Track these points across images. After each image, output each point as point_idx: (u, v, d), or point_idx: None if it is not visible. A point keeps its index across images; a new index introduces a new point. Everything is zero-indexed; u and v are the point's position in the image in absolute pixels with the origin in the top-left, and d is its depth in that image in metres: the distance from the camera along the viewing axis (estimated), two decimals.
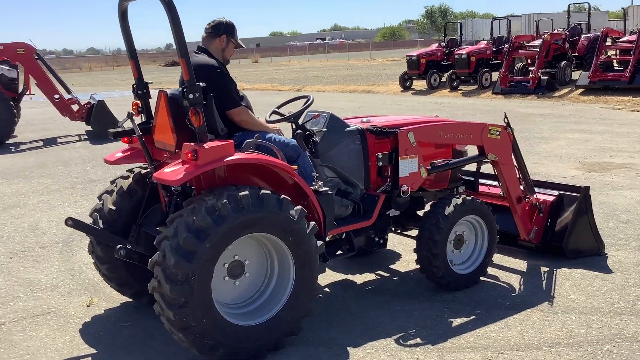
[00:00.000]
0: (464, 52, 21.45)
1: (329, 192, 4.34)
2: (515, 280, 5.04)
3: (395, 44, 73.96)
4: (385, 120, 5.06)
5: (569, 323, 4.23)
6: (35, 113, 19.32)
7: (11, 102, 13.06)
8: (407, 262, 5.50)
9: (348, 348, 4.03)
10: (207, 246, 3.60)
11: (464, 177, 5.51)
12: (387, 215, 4.89)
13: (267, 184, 4.15)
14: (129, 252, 4.13)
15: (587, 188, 5.39)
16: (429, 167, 4.91)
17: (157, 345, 4.14)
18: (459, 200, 4.77)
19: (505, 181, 5.29)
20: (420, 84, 23.31)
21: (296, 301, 3.99)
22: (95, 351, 4.16)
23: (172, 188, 4.08)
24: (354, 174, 4.75)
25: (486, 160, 5.20)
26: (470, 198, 4.84)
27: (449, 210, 4.72)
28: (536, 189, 5.65)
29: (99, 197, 4.69)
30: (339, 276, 5.31)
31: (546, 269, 5.24)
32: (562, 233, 5.38)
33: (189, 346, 3.71)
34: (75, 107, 14.16)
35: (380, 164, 4.74)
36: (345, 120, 4.96)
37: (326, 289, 5.07)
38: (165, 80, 35.56)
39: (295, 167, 4.38)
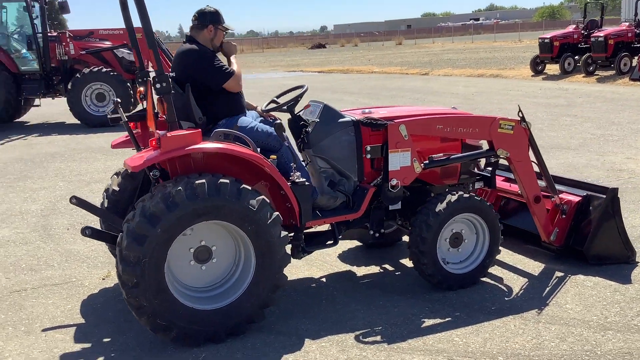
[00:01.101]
0: (601, 34, 19.99)
1: (306, 183, 4.35)
2: (518, 284, 4.78)
3: (553, 24, 70.00)
4: (387, 111, 4.96)
5: (544, 334, 3.97)
6: None
7: (128, 84, 14.00)
8: None
9: (306, 339, 4.05)
10: (158, 231, 3.77)
11: (481, 173, 5.27)
12: (384, 208, 4.81)
13: (245, 173, 4.24)
14: (95, 233, 4.38)
15: (615, 190, 4.97)
16: (427, 161, 4.75)
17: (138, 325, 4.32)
18: (454, 197, 4.60)
19: (520, 179, 5.01)
20: (553, 68, 22.11)
21: (256, 289, 4.06)
22: (83, 321, 4.49)
23: (151, 173, 4.28)
24: (347, 166, 4.71)
25: (496, 156, 4.94)
26: (467, 195, 4.64)
27: (440, 207, 4.56)
28: (564, 188, 5.30)
29: (111, 178, 5.02)
30: (343, 267, 5.31)
31: (560, 274, 4.91)
32: (586, 237, 5.00)
33: (144, 324, 3.91)
34: None
35: (369, 156, 4.65)
36: (346, 111, 4.93)
37: (322, 279, 5.09)
38: (292, 63, 36.45)
39: (273, 156, 4.45)
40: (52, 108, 16.91)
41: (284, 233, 4.10)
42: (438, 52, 42.24)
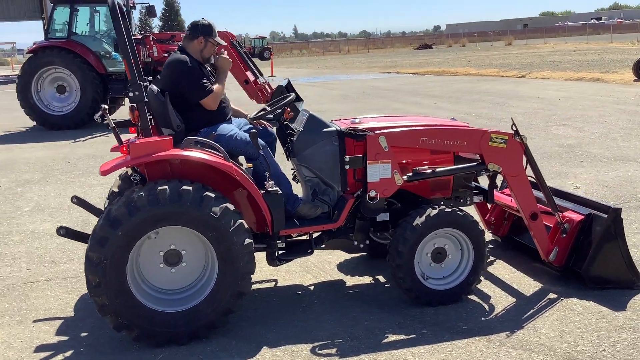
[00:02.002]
0: None
1: (278, 192, 4.40)
2: (503, 304, 4.60)
3: None
4: (377, 121, 4.91)
5: (502, 359, 3.81)
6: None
7: None
8: None
9: (264, 347, 4.10)
10: (119, 234, 3.94)
11: (480, 187, 5.12)
12: (369, 219, 4.77)
13: (225, 181, 4.33)
14: (70, 232, 4.60)
15: (617, 210, 4.67)
16: (410, 173, 4.66)
17: None
18: (433, 212, 4.49)
19: (515, 195, 4.82)
20: None
21: (218, 295, 4.15)
22: (72, 315, 4.75)
23: (131, 177, 4.47)
24: (329, 176, 4.71)
25: (487, 170, 4.78)
26: (449, 210, 4.52)
27: (418, 221, 4.47)
28: (570, 206, 5.05)
29: (115, 180, 5.27)
30: (337, 276, 5.30)
31: (554, 296, 4.68)
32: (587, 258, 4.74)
33: (108, 322, 4.10)
34: (262, 92, 15.24)
35: (348, 167, 4.63)
36: (336, 121, 4.92)
37: (310, 287, 5.11)
38: (391, 64, 36.26)
39: (249, 165, 4.53)
40: None
41: (248, 241, 4.15)
42: (545, 53, 40.69)
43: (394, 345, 4.04)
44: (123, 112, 16.97)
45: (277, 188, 4.42)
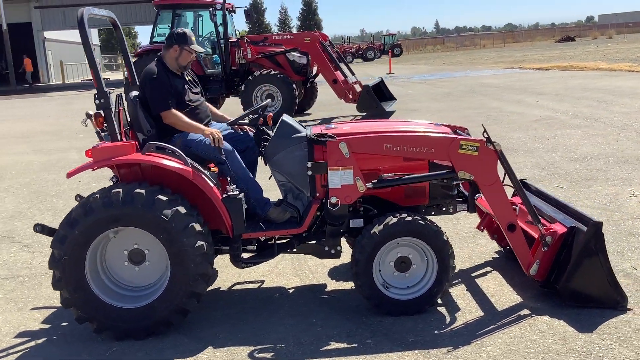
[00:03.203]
0: None
1: (238, 196, 4.51)
2: (465, 318, 4.43)
3: None
4: (350, 127, 4.89)
5: None
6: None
7: (294, 86, 14.84)
8: None
9: (209, 347, 4.22)
10: (76, 233, 4.25)
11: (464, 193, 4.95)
12: (339, 226, 4.75)
13: (189, 185, 4.52)
14: (46, 229, 4.93)
15: (597, 224, 4.34)
16: (375, 180, 4.60)
17: None
18: (392, 220, 4.41)
19: (491, 205, 4.62)
20: None
21: (170, 295, 4.34)
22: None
23: (110, 179, 4.77)
24: (299, 181, 4.75)
25: (457, 179, 4.61)
26: (409, 218, 4.41)
27: (376, 229, 4.42)
28: (560, 217, 4.76)
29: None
30: (323, 280, 5.31)
31: (526, 312, 4.45)
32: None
33: (74, 315, 4.41)
34: (352, 91, 15.37)
35: (310, 172, 4.64)
36: (314, 126, 4.94)
37: (290, 290, 5.17)
38: (520, 59, 34.88)
39: (215, 169, 4.68)
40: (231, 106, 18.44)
41: (200, 243, 4.30)
42: None
43: (329, 354, 4.04)
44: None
45: (237, 192, 4.52)
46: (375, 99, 14.59)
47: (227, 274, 5.54)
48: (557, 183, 8.03)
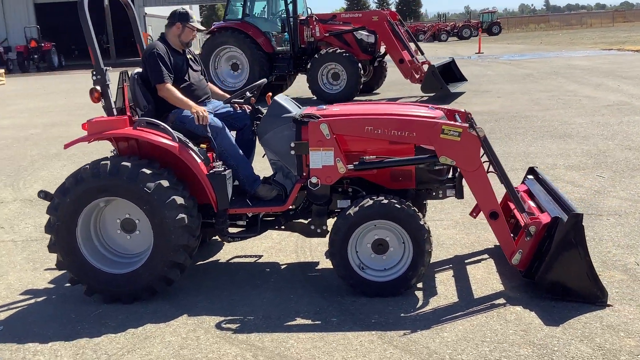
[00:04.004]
0: None
1: (222, 173, 4.67)
2: (437, 303, 4.41)
3: None
4: (340, 109, 4.92)
5: (370, 354, 3.75)
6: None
7: (359, 65, 14.81)
8: None
9: (183, 315, 4.41)
10: (67, 201, 4.55)
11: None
12: (325, 205, 4.83)
13: (177, 161, 4.71)
14: (48, 195, 5.23)
15: (578, 215, 4.20)
16: (357, 162, 4.63)
17: None
18: (368, 203, 4.44)
19: (473, 192, 4.56)
20: None
21: (153, 263, 4.56)
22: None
23: (111, 151, 5.04)
24: (287, 160, 4.85)
25: (439, 163, 4.56)
26: (385, 202, 4.42)
27: (351, 210, 4.47)
28: (549, 207, 4.64)
29: None
30: (317, 258, 5.37)
31: (500, 302, 4.39)
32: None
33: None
34: (419, 72, 15.18)
35: (293, 152, 4.72)
36: (309, 108, 5.00)
37: (283, 266, 5.30)
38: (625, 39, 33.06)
39: (203, 145, 4.86)
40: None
41: (181, 216, 4.49)
42: None
43: (290, 329, 4.14)
44: (290, 91, 17.92)
45: (222, 168, 4.68)
46: (440, 80, 14.35)
47: (230, 247, 5.73)
48: (599, 172, 7.69)
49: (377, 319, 4.22)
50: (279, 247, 5.69)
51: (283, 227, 5.01)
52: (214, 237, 5.64)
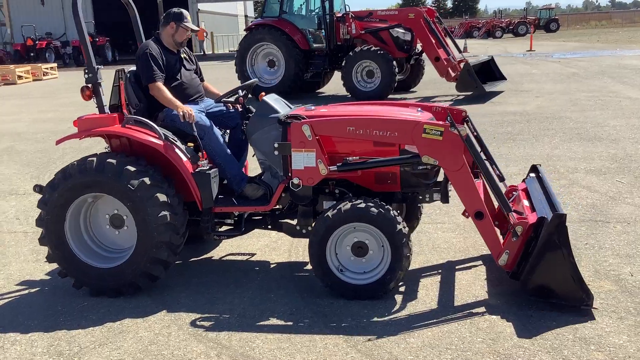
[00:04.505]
0: None
1: (207, 172, 4.72)
2: (415, 308, 4.36)
3: None
4: (327, 110, 4.91)
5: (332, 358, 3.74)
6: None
7: (394, 63, 14.68)
8: None
9: (161, 312, 4.47)
10: (56, 196, 4.68)
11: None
12: (310, 206, 4.83)
13: (166, 159, 4.79)
14: (42, 189, 5.34)
15: (561, 216, 4.09)
16: (340, 164, 4.61)
17: None
18: (346, 206, 4.42)
19: (457, 191, 4.49)
20: None
21: (136, 259, 4.65)
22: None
23: (105, 148, 5.16)
24: (272, 160, 4.87)
25: (421, 163, 4.50)
26: (362, 205, 4.39)
27: (329, 213, 4.46)
28: (539, 207, 4.55)
29: None
30: (303, 258, 5.38)
31: (480, 309, 4.31)
32: None
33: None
34: (455, 70, 14.96)
35: (276, 152, 4.73)
36: (298, 108, 5.00)
37: (273, 265, 5.32)
38: None
39: (191, 144, 4.92)
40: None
41: (163, 213, 4.56)
42: None
43: (261, 329, 4.16)
44: (326, 88, 17.91)
45: (206, 167, 4.73)
46: (475, 78, 14.11)
47: (226, 244, 5.78)
48: (620, 177, 7.45)
49: (349, 322, 4.19)
50: (274, 245, 5.72)
51: (270, 226, 5.03)
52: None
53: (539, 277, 4.19)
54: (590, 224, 5.88)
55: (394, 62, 14.65)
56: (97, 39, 36.81)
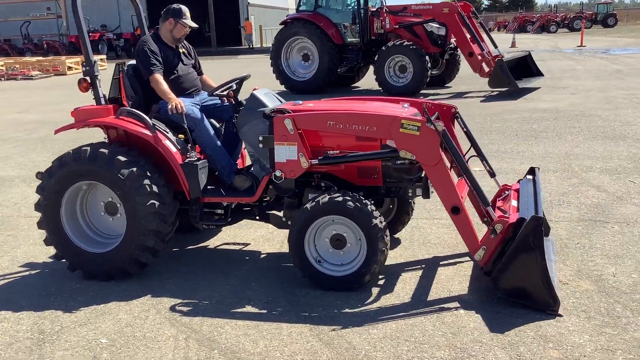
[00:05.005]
0: None
1: (195, 163, 4.88)
2: (387, 301, 4.43)
3: None
4: (314, 105, 5.01)
5: (287, 347, 3.86)
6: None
7: (427, 58, 14.62)
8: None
9: (146, 296, 4.65)
10: (52, 182, 4.92)
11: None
12: (296, 198, 4.95)
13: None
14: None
15: (539, 219, 4.10)
16: (321, 157, 4.71)
17: None
18: (324, 198, 4.53)
19: (434, 186, 4.53)
20: None
21: (125, 246, 4.85)
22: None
23: (104, 138, 5.38)
24: (260, 153, 5.00)
25: (399, 158, 4.56)
26: (340, 199, 4.48)
27: (308, 205, 4.57)
28: (524, 207, 4.57)
29: None
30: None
31: (452, 304, 4.35)
32: None
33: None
34: (489, 65, 14.81)
35: (261, 145, 4.85)
36: (287, 103, 5.11)
37: (263, 255, 5.46)
38: None
39: (181, 136, 5.09)
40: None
41: (151, 202, 4.75)
42: None
43: (234, 316, 4.29)
44: (361, 83, 17.94)
45: (195, 159, 4.89)
46: (509, 74, 13.93)
47: (224, 233, 5.96)
48: (633, 177, 7.32)
49: (319, 312, 4.30)
50: (270, 237, 5.85)
51: (257, 217, 5.17)
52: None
53: (509, 277, 4.21)
54: (588, 224, 5.82)
55: (427, 57, 14.59)
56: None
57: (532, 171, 5.40)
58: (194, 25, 5.48)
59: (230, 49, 42.54)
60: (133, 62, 5.39)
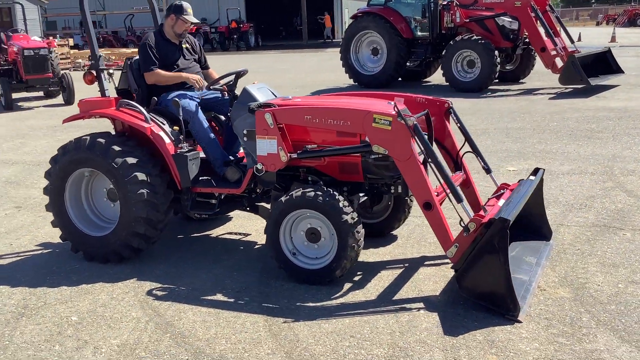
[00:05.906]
0: None
1: (185, 154, 5.08)
2: (355, 296, 4.45)
3: None
4: (301, 100, 5.08)
5: (245, 339, 3.97)
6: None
7: (496, 52, 14.23)
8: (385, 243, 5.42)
9: (133, 279, 4.89)
10: (57, 168, 5.26)
11: None
12: (283, 191, 5.05)
13: None
14: None
15: (504, 221, 4.00)
16: (300, 151, 4.78)
17: None
18: (297, 193, 4.60)
19: (407, 181, 4.51)
20: None
21: (118, 231, 5.10)
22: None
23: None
24: (249, 146, 5.13)
25: (372, 152, 4.56)
26: (312, 193, 4.53)
27: (283, 198, 4.66)
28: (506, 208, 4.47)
29: None
30: None
31: (418, 304, 4.32)
32: None
33: None
34: (559, 62, 14.25)
35: (245, 139, 4.97)
36: (278, 98, 5.21)
37: (257, 246, 5.59)
38: None
39: (175, 128, 5.29)
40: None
41: (142, 191, 4.97)
42: None
43: (200, 302, 4.44)
44: (432, 78, 17.65)
45: (185, 150, 5.08)
46: (580, 71, 13.33)
47: (230, 223, 6.14)
48: None
49: (283, 303, 4.37)
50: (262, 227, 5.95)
51: (247, 208, 5.30)
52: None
53: (472, 277, 4.14)
54: (599, 229, 5.57)
55: (496, 52, 14.21)
56: (241, 25, 38.60)
57: (535, 172, 5.23)
58: (195, 20, 5.66)
59: (320, 42, 42.90)
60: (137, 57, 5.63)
